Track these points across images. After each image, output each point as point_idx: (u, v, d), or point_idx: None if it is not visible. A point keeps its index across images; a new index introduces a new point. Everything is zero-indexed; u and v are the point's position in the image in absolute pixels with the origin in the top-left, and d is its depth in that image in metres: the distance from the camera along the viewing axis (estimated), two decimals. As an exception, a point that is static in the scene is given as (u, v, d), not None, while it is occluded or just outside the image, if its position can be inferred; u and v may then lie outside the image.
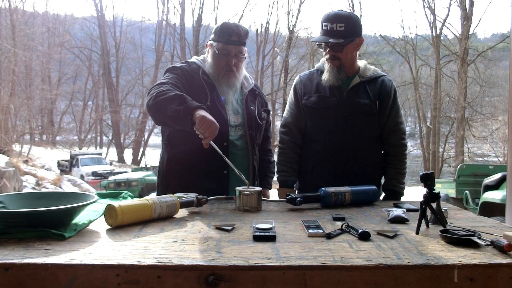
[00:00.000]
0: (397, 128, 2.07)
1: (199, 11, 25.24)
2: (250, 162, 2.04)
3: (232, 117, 2.00)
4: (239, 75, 2.02)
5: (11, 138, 16.44)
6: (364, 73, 2.06)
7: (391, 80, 2.12)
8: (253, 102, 2.10)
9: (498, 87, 23.02)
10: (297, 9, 23.78)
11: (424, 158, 22.11)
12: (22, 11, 24.38)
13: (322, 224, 1.31)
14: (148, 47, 30.83)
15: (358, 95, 2.02)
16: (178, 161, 1.97)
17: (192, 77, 1.95)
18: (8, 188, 8.51)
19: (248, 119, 2.03)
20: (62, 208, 1.17)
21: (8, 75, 17.78)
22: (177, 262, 0.94)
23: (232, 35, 1.93)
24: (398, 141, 2.08)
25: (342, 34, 1.91)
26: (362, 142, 2.02)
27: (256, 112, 2.07)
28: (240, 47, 1.97)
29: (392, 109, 2.06)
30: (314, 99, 2.06)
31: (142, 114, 30.09)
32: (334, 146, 2.01)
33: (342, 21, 1.91)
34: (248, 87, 2.10)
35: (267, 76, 26.63)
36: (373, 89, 2.04)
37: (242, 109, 2.04)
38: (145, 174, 14.22)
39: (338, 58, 1.97)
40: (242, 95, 2.07)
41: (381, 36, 23.03)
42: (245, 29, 1.99)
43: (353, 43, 1.96)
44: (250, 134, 2.03)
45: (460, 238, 1.12)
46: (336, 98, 2.02)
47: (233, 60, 1.96)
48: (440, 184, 9.43)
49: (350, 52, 1.98)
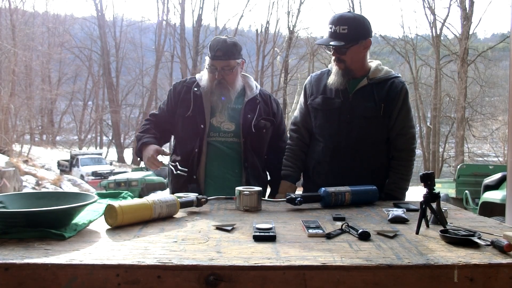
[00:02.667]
0: (405, 131, 2.01)
1: (199, 11, 25.28)
2: (242, 168, 2.11)
3: (224, 124, 2.11)
4: (232, 87, 2.11)
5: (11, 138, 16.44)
6: (374, 75, 2.01)
7: (403, 83, 2.05)
8: (253, 111, 2.15)
9: (498, 87, 23.01)
10: (297, 9, 23.79)
11: (424, 158, 22.10)
12: (22, 11, 24.39)
13: (322, 224, 1.31)
14: (148, 47, 30.83)
15: (363, 97, 1.99)
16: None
17: (182, 91, 2.18)
18: (8, 188, 8.51)
19: (244, 127, 2.11)
20: (62, 208, 1.17)
21: (8, 75, 17.78)
22: (177, 262, 0.94)
23: (216, 50, 2.04)
24: (404, 145, 2.02)
25: (345, 37, 1.89)
26: (364, 145, 1.99)
27: (253, 121, 2.12)
28: (226, 62, 2.05)
29: (400, 112, 2.00)
30: (319, 100, 2.06)
31: (142, 114, 30.12)
32: (334, 147, 2.00)
33: (345, 23, 1.89)
34: (250, 95, 2.17)
35: (267, 76, 26.62)
36: (381, 91, 1.99)
37: (238, 117, 2.12)
38: (145, 174, 14.22)
39: (343, 60, 1.95)
40: (242, 103, 2.15)
41: (381, 36, 23.04)
42: (232, 42, 2.07)
43: (357, 45, 1.92)
44: (245, 142, 2.10)
45: (460, 238, 1.12)
46: (340, 100, 2.00)
47: (220, 74, 2.06)
48: (440, 184, 9.43)
49: (355, 55, 1.95)
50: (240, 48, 2.13)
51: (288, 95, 22.78)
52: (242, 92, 2.19)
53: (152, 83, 29.19)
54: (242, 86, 2.20)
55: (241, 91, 2.18)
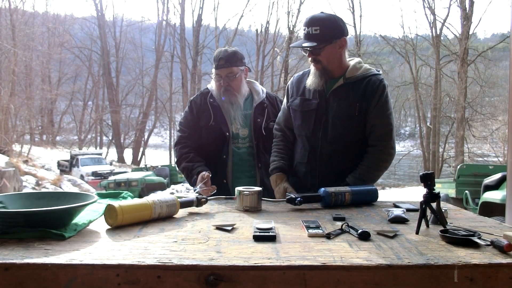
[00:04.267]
0: (376, 128, 1.94)
1: (199, 11, 25.33)
2: (256, 171, 2.27)
3: (241, 131, 2.27)
4: (238, 92, 2.25)
5: (11, 138, 16.45)
6: (350, 74, 1.97)
7: (382, 80, 1.97)
8: (262, 114, 2.30)
9: (498, 87, 23.01)
10: (297, 9, 23.77)
11: (424, 158, 22.10)
12: (22, 11, 24.42)
13: (322, 224, 1.31)
14: (148, 47, 30.86)
15: (338, 98, 1.96)
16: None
17: (201, 103, 2.30)
18: (8, 188, 8.51)
19: (255, 131, 2.27)
20: (62, 208, 1.17)
21: (8, 75, 17.78)
22: (177, 262, 0.94)
23: (218, 60, 2.21)
24: (374, 142, 1.96)
25: (317, 37, 1.88)
26: (341, 146, 1.96)
27: (263, 124, 2.27)
28: (229, 69, 2.21)
29: (374, 109, 1.93)
30: (297, 101, 2.07)
31: (142, 114, 30.13)
32: (311, 149, 2.01)
33: (316, 24, 1.88)
34: (257, 100, 2.32)
35: (267, 76, 26.63)
36: (357, 90, 1.95)
37: (250, 122, 2.28)
38: (145, 174, 14.25)
39: (319, 61, 1.94)
40: (251, 109, 2.30)
41: (381, 36, 23.06)
42: (232, 51, 2.22)
43: (331, 45, 1.90)
44: (257, 145, 2.26)
45: (460, 238, 1.12)
46: (317, 101, 2.00)
47: (225, 81, 2.22)
48: (440, 184, 9.43)
49: (331, 55, 1.92)
50: (242, 56, 2.26)
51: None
52: (249, 98, 2.33)
53: (152, 83, 29.22)
54: (249, 92, 2.34)
55: (248, 97, 2.33)
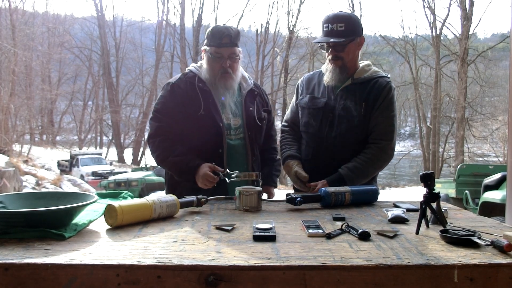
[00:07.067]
0: (379, 127, 1.96)
1: (199, 11, 25.23)
2: (249, 164, 2.07)
3: (232, 120, 2.04)
4: (236, 76, 2.04)
5: (11, 138, 16.44)
6: (359, 75, 2.01)
7: (389, 82, 2.02)
8: (253, 102, 2.12)
9: (498, 87, 23.00)
10: (297, 9, 23.76)
11: (424, 158, 22.10)
12: (22, 11, 24.39)
13: (322, 224, 1.31)
14: (148, 47, 30.82)
15: (345, 97, 2.00)
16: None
17: (186, 88, 2.01)
18: (8, 188, 8.50)
19: (247, 121, 2.07)
20: (62, 208, 1.17)
21: (8, 75, 17.77)
22: (177, 262, 0.94)
23: (223, 37, 1.97)
24: (375, 139, 1.97)
25: (342, 34, 1.93)
26: (345, 145, 1.99)
27: (255, 113, 2.09)
28: (233, 49, 2.00)
29: (379, 108, 1.97)
30: (306, 99, 2.11)
31: (142, 114, 30.10)
32: (316, 146, 2.04)
33: (342, 21, 1.94)
34: (246, 87, 2.13)
35: (267, 76, 26.61)
36: (363, 91, 1.99)
37: (241, 111, 2.07)
38: (145, 174, 14.22)
39: (341, 57, 1.98)
40: (241, 96, 2.10)
41: (381, 36, 23.03)
42: (236, 30, 2.02)
43: (354, 42, 1.97)
44: (250, 135, 2.07)
45: (460, 238, 1.12)
46: (325, 99, 2.04)
47: (227, 62, 1.99)
48: (440, 184, 9.43)
49: (352, 52, 1.99)
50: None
51: (288, 95, 22.74)
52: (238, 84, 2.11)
53: (152, 83, 29.17)
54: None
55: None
